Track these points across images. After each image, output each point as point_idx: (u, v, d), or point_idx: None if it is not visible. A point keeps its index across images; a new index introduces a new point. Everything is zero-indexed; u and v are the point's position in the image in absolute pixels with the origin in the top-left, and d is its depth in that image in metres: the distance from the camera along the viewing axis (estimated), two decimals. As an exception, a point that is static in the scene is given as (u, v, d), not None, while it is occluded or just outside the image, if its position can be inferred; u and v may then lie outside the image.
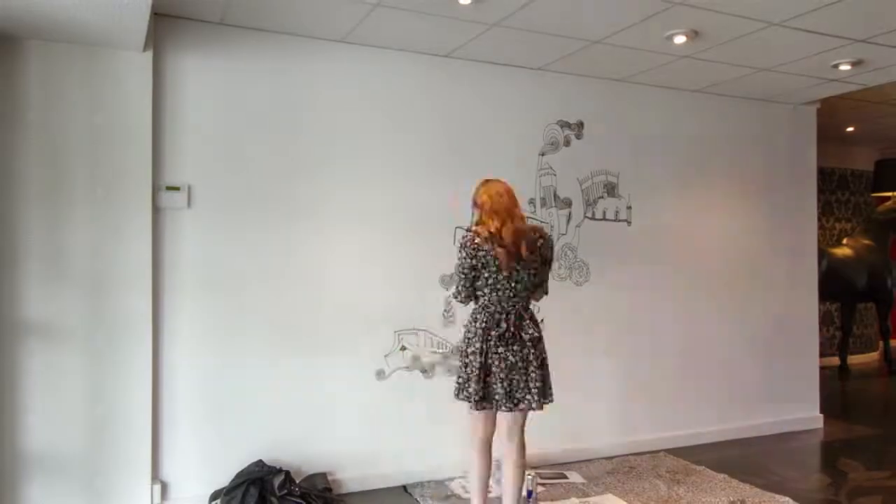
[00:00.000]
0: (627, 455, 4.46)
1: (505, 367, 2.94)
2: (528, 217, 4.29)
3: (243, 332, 3.61)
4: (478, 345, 2.96)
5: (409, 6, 3.32)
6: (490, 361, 2.95)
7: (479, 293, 3.02)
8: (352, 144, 3.86)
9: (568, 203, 4.46)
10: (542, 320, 4.28)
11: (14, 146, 3.12)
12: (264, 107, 3.67)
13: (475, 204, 3.12)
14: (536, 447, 4.27)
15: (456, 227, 4.10)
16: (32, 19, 2.88)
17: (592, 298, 4.49)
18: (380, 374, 3.90)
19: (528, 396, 2.97)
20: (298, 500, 3.37)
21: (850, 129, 6.95)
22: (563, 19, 3.49)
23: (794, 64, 4.23)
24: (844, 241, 7.78)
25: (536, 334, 3.03)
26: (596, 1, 3.25)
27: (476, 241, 2.97)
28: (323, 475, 3.65)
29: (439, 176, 4.07)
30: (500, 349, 2.95)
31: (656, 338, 4.70)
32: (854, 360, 8.13)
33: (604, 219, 4.56)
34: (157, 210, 3.42)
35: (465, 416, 3.12)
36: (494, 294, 2.98)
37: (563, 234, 4.43)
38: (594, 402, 4.48)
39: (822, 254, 6.75)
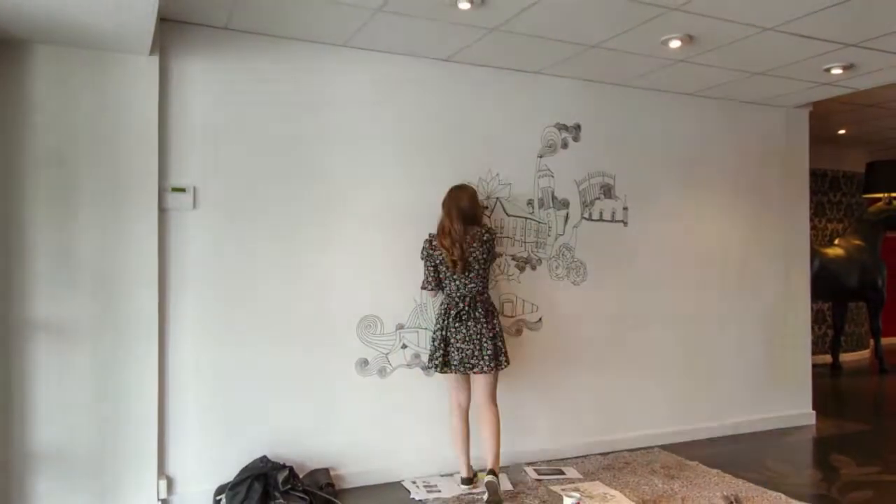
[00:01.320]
0: (622, 451, 4.47)
1: (459, 338, 3.59)
2: (527, 218, 4.33)
3: (248, 330, 3.61)
4: (441, 322, 3.65)
5: (410, 11, 3.33)
6: (448, 335, 3.61)
7: (442, 285, 3.72)
8: (354, 146, 3.87)
9: (565, 204, 4.46)
10: (539, 319, 4.34)
11: (23, 148, 3.12)
12: (268, 109, 3.68)
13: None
14: (533, 444, 4.30)
15: (456, 228, 4.11)
16: (41, 23, 2.89)
17: (589, 297, 4.50)
18: (381, 372, 3.91)
19: (481, 362, 3.57)
20: (301, 496, 3.37)
21: (842, 131, 6.97)
22: (560, 24, 3.49)
23: (786, 68, 4.24)
24: (836, 241, 7.79)
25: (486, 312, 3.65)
26: (593, 6, 3.25)
27: (433, 242, 3.69)
28: (325, 471, 3.66)
29: (440, 177, 4.06)
30: (457, 324, 3.60)
31: (651, 336, 4.71)
32: (845, 357, 8.15)
33: (601, 219, 4.56)
34: (163, 211, 3.43)
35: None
36: (452, 284, 3.66)
37: (561, 235, 4.44)
38: (589, 399, 4.49)
39: (815, 254, 6.77)
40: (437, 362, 3.62)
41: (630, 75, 4.40)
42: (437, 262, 3.67)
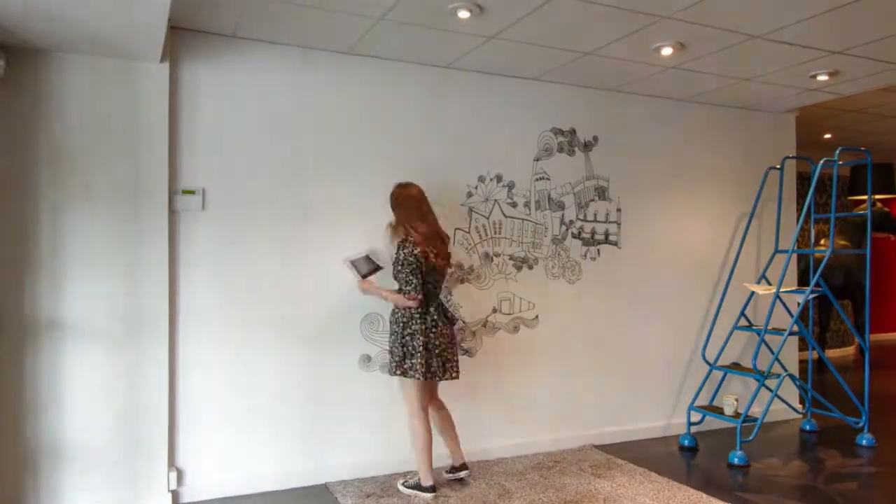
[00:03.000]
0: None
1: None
2: (524, 219, 4.33)
3: (254, 327, 3.62)
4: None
5: (412, 20, 3.33)
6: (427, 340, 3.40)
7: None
8: (356, 150, 3.87)
9: (561, 206, 4.47)
10: (536, 316, 4.35)
11: (39, 152, 3.13)
12: (274, 114, 3.68)
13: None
14: (538, 434, 4.29)
15: (456, 229, 4.12)
16: (58, 33, 2.89)
17: (584, 296, 4.51)
18: (384, 367, 3.91)
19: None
20: None
21: (828, 135, 6.97)
22: (555, 32, 3.50)
23: (774, 74, 4.25)
24: (822, 241, 7.80)
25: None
26: (586, 14, 3.26)
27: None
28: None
29: (439, 180, 4.07)
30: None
31: (643, 333, 4.71)
32: (831, 353, 8.16)
33: (595, 221, 4.57)
34: (173, 212, 3.44)
35: (458, 407, 3.10)
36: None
37: (557, 236, 4.44)
38: (586, 393, 4.50)
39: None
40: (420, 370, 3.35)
41: (623, 81, 4.40)
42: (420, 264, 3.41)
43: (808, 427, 4.93)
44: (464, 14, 3.21)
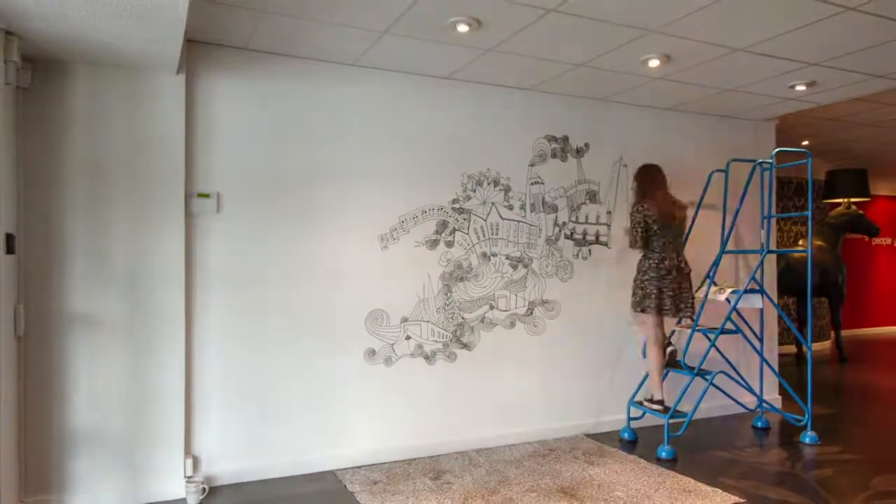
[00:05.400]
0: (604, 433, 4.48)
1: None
2: (520, 221, 4.35)
3: (266, 323, 3.64)
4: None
5: (413, 33, 3.35)
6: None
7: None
8: (362, 156, 3.89)
9: (554, 209, 4.49)
10: (531, 312, 4.35)
11: (63, 158, 3.15)
12: (285, 122, 3.70)
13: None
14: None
15: (455, 230, 4.13)
16: (81, 45, 2.91)
17: (576, 293, 4.53)
18: (387, 361, 3.93)
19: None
20: None
21: (806, 142, 7.00)
22: (549, 45, 3.52)
23: (755, 85, 4.28)
24: (800, 242, 7.83)
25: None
26: (578, 29, 3.28)
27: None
28: None
29: (440, 184, 4.10)
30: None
31: (628, 328, 4.73)
32: (809, 348, 8.17)
33: (586, 222, 4.59)
34: (189, 215, 3.45)
35: (458, 398, 3.12)
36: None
37: (550, 237, 4.46)
38: (570, 384, 4.51)
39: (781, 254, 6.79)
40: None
41: (613, 91, 4.43)
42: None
43: (787, 418, 4.94)
44: (463, 28, 3.24)
